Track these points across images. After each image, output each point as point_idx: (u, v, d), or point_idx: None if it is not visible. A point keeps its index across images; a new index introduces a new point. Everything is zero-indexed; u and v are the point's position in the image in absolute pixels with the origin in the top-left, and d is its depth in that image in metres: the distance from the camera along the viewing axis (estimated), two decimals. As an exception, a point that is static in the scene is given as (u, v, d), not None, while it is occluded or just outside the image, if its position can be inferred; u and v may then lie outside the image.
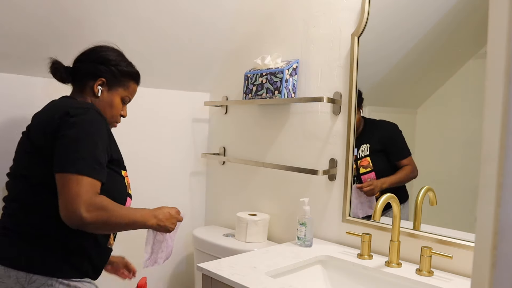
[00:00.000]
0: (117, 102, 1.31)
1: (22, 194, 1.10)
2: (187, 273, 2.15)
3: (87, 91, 1.27)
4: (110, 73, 1.27)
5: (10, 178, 1.19)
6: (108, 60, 1.28)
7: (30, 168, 1.11)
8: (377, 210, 1.22)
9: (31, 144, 1.12)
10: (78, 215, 0.98)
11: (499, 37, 0.41)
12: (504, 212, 0.40)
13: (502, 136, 0.40)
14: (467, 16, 1.30)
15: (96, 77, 1.26)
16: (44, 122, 1.13)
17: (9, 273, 1.02)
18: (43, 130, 1.11)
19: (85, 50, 1.30)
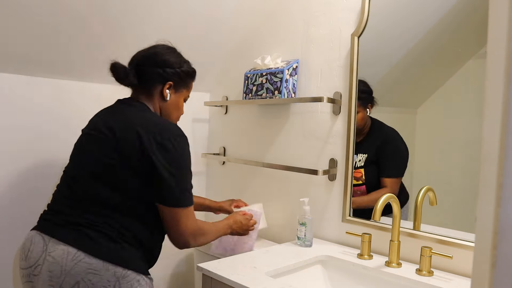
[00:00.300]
0: (182, 103, 1.38)
1: (115, 200, 1.16)
2: (187, 273, 2.15)
3: (155, 94, 1.30)
4: (176, 76, 1.31)
5: (88, 179, 1.19)
6: (173, 63, 1.31)
7: (121, 179, 1.17)
8: (377, 210, 1.22)
9: (122, 157, 1.16)
10: (187, 243, 1.23)
11: (499, 37, 0.41)
12: (504, 212, 0.40)
13: (502, 136, 0.40)
14: (467, 16, 1.30)
15: (164, 81, 1.29)
16: (138, 140, 1.16)
17: (108, 267, 1.11)
18: (139, 149, 1.16)
19: (146, 53, 1.31)
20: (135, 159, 1.16)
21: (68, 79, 1.67)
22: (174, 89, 1.32)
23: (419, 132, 1.40)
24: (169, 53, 1.33)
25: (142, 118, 1.22)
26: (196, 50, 1.87)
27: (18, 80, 1.55)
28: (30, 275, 1.14)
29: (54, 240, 1.13)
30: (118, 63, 1.27)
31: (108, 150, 1.17)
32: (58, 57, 1.57)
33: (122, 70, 1.27)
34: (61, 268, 1.09)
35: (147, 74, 1.28)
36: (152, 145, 1.15)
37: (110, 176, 1.17)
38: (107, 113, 1.28)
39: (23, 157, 1.58)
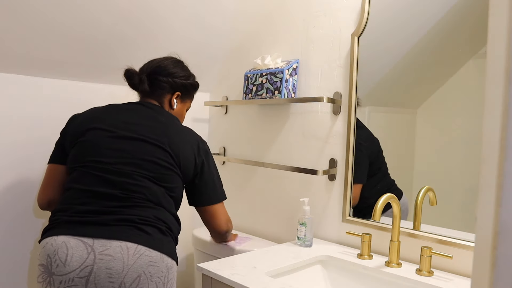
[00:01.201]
0: (185, 112, 1.51)
1: (160, 197, 1.26)
2: (187, 273, 2.15)
3: (164, 102, 1.42)
4: (184, 88, 1.44)
5: (136, 176, 1.24)
6: (183, 76, 1.44)
7: (177, 189, 1.32)
8: (377, 210, 1.22)
9: (183, 174, 1.32)
10: (229, 230, 1.49)
11: (499, 37, 0.41)
12: (504, 212, 0.40)
13: (502, 136, 0.40)
14: (467, 16, 1.30)
15: (173, 91, 1.42)
16: (191, 160, 1.33)
17: (163, 259, 1.19)
18: (192, 168, 1.34)
19: (160, 63, 1.41)
20: (188, 166, 1.31)
21: (69, 79, 1.67)
22: (181, 99, 1.45)
23: (419, 132, 1.40)
24: (179, 66, 1.45)
25: (183, 127, 1.38)
26: (196, 50, 1.87)
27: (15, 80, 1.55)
28: (74, 279, 1.11)
29: (102, 240, 1.14)
30: (132, 69, 1.39)
31: (166, 156, 1.27)
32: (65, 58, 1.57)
33: (136, 77, 1.38)
34: (123, 264, 1.12)
35: (158, 83, 1.39)
36: (200, 152, 1.35)
37: (164, 178, 1.27)
38: (141, 115, 1.34)
39: (21, 157, 1.58)
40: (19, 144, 1.56)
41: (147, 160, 1.25)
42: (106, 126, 1.29)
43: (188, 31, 1.74)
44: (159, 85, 1.39)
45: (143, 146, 1.26)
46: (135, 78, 1.38)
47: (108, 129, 1.28)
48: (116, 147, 1.26)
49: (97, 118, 1.32)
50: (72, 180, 1.26)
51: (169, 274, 1.21)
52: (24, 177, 1.59)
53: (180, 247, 2.09)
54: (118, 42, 1.63)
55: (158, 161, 1.26)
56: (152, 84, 1.39)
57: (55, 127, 1.52)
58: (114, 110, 1.35)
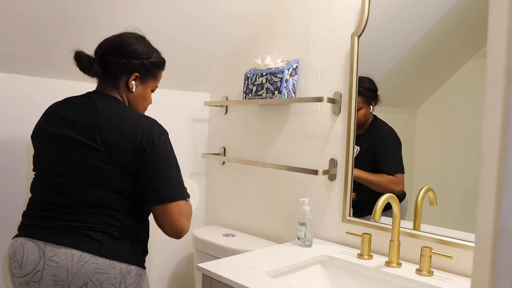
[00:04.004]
0: (149, 94, 1.34)
1: (110, 201, 1.16)
2: (187, 273, 2.15)
3: (121, 86, 1.26)
4: (143, 67, 1.26)
5: (75, 182, 1.16)
6: (141, 54, 1.25)
7: (117, 184, 1.16)
8: (377, 210, 1.22)
9: (114, 162, 1.14)
10: (186, 229, 1.20)
11: (499, 37, 0.41)
12: (504, 212, 0.40)
13: (502, 136, 0.40)
14: (467, 16, 1.30)
15: (130, 72, 1.25)
16: (126, 146, 1.14)
17: (114, 265, 1.13)
18: (131, 157, 1.15)
19: (112, 42, 1.25)
20: (128, 161, 1.15)
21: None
22: (141, 80, 1.28)
23: (419, 132, 1.40)
24: (137, 42, 1.26)
25: (122, 116, 1.19)
26: (196, 50, 1.87)
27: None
28: (29, 282, 1.13)
29: (52, 245, 1.12)
30: (82, 52, 1.22)
31: (100, 156, 1.14)
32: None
33: (86, 59, 1.21)
34: (67, 271, 1.09)
35: (112, 65, 1.23)
36: (143, 142, 1.15)
37: (104, 180, 1.15)
38: (81, 112, 1.21)
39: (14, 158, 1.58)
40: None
41: (85, 164, 1.15)
42: (53, 127, 1.21)
43: (188, 31, 1.74)
44: (112, 67, 1.23)
45: (79, 149, 1.16)
46: (83, 60, 1.21)
47: (53, 132, 1.21)
48: (59, 153, 1.19)
49: (48, 118, 1.25)
50: (31, 186, 1.25)
51: (126, 280, 1.14)
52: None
53: (180, 247, 2.09)
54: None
55: (95, 163, 1.14)
56: (104, 66, 1.23)
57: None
58: (62, 107, 1.25)
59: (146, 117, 1.22)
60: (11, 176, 1.57)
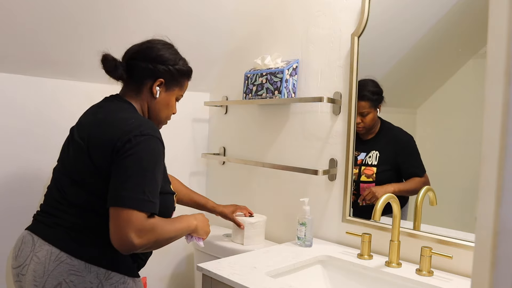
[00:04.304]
0: (173, 102, 1.31)
1: (94, 205, 1.12)
2: (187, 273, 2.15)
3: (144, 91, 1.24)
4: (168, 74, 1.25)
5: (68, 182, 1.15)
6: (167, 60, 1.25)
7: (97, 186, 1.11)
8: (377, 210, 1.22)
9: (91, 161, 1.10)
10: (130, 242, 1.02)
11: (499, 37, 0.41)
12: (504, 212, 0.40)
13: (502, 136, 0.40)
14: (467, 16, 1.30)
15: (154, 78, 1.23)
16: (106, 146, 1.09)
17: (90, 269, 1.09)
18: (106, 155, 1.08)
19: (139, 47, 1.25)
20: (104, 160, 1.09)
21: (57, 78, 1.67)
22: (165, 87, 1.26)
23: (419, 132, 1.40)
24: (164, 49, 1.26)
25: (117, 119, 1.15)
26: (196, 50, 1.87)
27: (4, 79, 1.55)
28: (19, 275, 1.14)
29: (41, 241, 1.13)
30: (109, 55, 1.21)
31: (82, 154, 1.12)
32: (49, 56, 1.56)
33: (112, 62, 1.21)
34: (44, 268, 1.08)
35: (137, 69, 1.22)
36: (118, 144, 1.07)
37: (84, 179, 1.12)
38: (90, 114, 1.23)
39: (15, 156, 1.58)
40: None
41: (73, 163, 1.16)
42: (72, 130, 1.24)
43: (188, 31, 1.74)
44: (137, 71, 1.22)
45: (73, 148, 1.17)
46: (110, 63, 1.20)
47: (70, 133, 1.24)
48: (64, 153, 1.22)
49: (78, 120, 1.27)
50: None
51: (104, 286, 1.09)
52: None
53: (180, 247, 2.09)
54: (118, 46, 1.62)
55: (78, 162, 1.13)
56: (130, 70, 1.22)
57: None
58: (86, 111, 1.27)
59: (141, 119, 1.16)
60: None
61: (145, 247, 1.06)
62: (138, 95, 1.24)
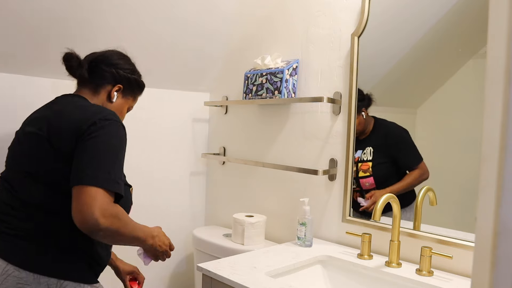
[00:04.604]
0: (125, 110, 1.34)
1: (47, 200, 1.07)
2: (187, 273, 2.15)
3: (102, 93, 1.25)
4: (128, 82, 1.29)
5: (20, 177, 1.10)
6: (128, 69, 1.30)
7: (55, 174, 1.06)
8: (377, 210, 1.22)
9: (54, 149, 1.07)
10: (94, 219, 0.97)
11: (499, 37, 0.41)
12: (504, 212, 0.40)
13: (502, 136, 0.40)
14: (467, 16, 1.30)
15: (114, 83, 1.27)
16: (69, 129, 1.07)
17: (40, 280, 1.03)
18: (69, 138, 1.06)
19: (104, 53, 1.28)
20: (66, 144, 1.06)
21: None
22: (122, 94, 1.29)
23: (419, 132, 1.40)
24: (124, 58, 1.31)
25: (78, 108, 1.14)
26: (197, 50, 1.87)
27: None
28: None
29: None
30: (74, 53, 1.22)
31: (41, 142, 1.09)
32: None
33: (76, 60, 1.21)
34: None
35: (99, 71, 1.24)
36: (84, 129, 1.06)
37: (41, 169, 1.07)
38: (44, 109, 1.21)
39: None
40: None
41: (27, 154, 1.11)
42: (19, 130, 1.21)
43: (188, 31, 1.74)
44: (100, 74, 1.24)
45: (26, 140, 1.14)
46: (73, 60, 1.21)
47: (17, 132, 1.21)
48: (13, 152, 1.19)
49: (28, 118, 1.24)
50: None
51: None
52: None
53: (180, 247, 2.09)
54: (116, 45, 1.63)
55: (34, 150, 1.09)
56: (92, 72, 1.23)
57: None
58: (39, 108, 1.24)
59: (102, 107, 1.17)
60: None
61: (108, 231, 1.00)
62: (94, 95, 1.25)
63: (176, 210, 2.08)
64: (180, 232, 2.09)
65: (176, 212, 2.08)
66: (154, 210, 1.95)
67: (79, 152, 1.04)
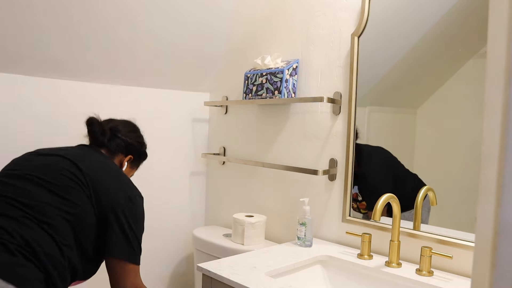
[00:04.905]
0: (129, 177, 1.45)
1: (52, 249, 1.08)
2: (187, 273, 2.15)
3: (116, 159, 1.41)
4: (137, 153, 1.46)
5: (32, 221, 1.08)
6: (140, 142, 1.47)
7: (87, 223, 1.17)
8: (377, 210, 1.22)
9: (95, 211, 1.18)
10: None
11: (499, 37, 0.41)
12: (504, 212, 0.40)
13: (502, 136, 0.40)
14: (467, 16, 1.30)
15: (127, 153, 1.43)
16: (108, 197, 1.20)
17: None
18: (105, 200, 1.19)
19: (121, 123, 1.44)
20: (96, 202, 1.18)
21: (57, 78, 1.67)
22: (130, 164, 1.46)
23: (419, 132, 1.40)
24: (136, 131, 1.47)
25: (118, 174, 1.29)
26: (197, 50, 1.87)
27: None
28: None
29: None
30: (97, 119, 1.37)
31: (79, 189, 1.18)
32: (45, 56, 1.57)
33: (99, 127, 1.36)
34: None
35: (118, 141, 1.40)
36: (121, 202, 1.21)
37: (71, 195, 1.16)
38: (83, 154, 1.29)
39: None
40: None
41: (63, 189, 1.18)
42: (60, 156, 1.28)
43: (188, 31, 1.74)
44: (117, 143, 1.40)
45: (66, 176, 1.20)
46: (97, 127, 1.36)
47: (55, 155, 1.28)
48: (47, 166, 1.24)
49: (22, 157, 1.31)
50: None
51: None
52: None
53: (180, 247, 2.10)
54: (119, 46, 1.63)
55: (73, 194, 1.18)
56: (111, 139, 1.39)
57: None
58: (78, 150, 1.33)
59: (127, 177, 1.33)
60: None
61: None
62: (111, 156, 1.39)
63: (176, 210, 2.08)
64: (180, 232, 2.09)
65: (176, 212, 2.08)
66: (154, 210, 1.95)
67: (113, 224, 1.18)
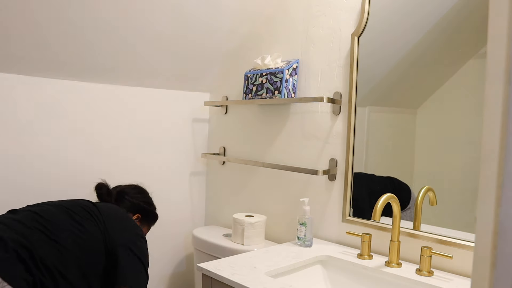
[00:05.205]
0: None
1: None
2: (187, 273, 2.15)
3: None
4: (145, 213, 1.56)
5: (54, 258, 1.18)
6: (147, 202, 1.58)
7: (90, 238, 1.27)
8: (377, 210, 1.22)
9: (106, 248, 1.28)
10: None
11: (499, 37, 0.41)
12: (504, 212, 0.40)
13: (502, 136, 0.40)
14: (467, 16, 1.30)
15: (135, 212, 1.54)
16: (121, 233, 1.32)
17: None
18: (119, 239, 1.31)
19: (128, 186, 1.58)
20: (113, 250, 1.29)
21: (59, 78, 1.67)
22: (140, 222, 1.55)
23: (419, 132, 1.40)
24: (143, 193, 1.60)
25: (129, 221, 1.40)
26: (196, 50, 1.87)
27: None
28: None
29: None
30: (105, 184, 1.52)
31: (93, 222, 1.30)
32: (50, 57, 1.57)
33: (106, 189, 1.51)
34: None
35: (125, 202, 1.52)
36: (131, 234, 1.34)
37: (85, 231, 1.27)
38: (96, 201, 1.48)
39: (16, 157, 1.58)
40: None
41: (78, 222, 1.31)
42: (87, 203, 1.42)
43: (188, 31, 1.74)
44: (124, 203, 1.52)
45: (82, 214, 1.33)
46: (103, 189, 1.50)
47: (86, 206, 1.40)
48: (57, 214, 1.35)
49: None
50: None
51: None
52: None
53: (180, 247, 2.10)
54: (118, 45, 1.63)
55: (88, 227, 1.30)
56: (118, 200, 1.51)
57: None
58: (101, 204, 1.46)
59: (136, 224, 1.43)
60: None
61: None
62: None
63: (176, 210, 2.08)
64: (180, 232, 2.10)
65: (176, 212, 2.08)
66: (154, 210, 1.95)
67: (123, 256, 1.28)
